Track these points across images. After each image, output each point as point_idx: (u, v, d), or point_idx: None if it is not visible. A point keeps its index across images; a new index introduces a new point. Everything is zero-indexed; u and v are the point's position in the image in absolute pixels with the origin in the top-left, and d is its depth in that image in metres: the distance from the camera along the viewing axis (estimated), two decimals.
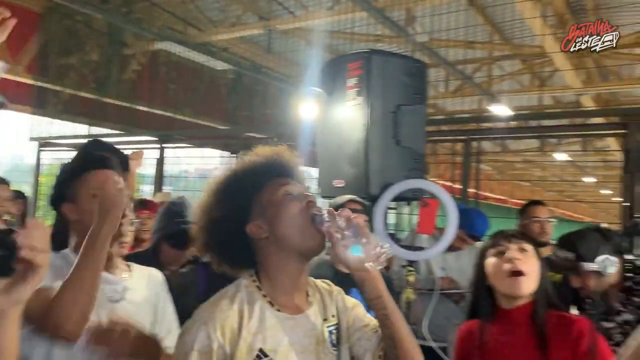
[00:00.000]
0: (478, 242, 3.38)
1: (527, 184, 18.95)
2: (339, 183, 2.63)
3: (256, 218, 1.30)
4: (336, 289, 1.43)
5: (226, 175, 1.37)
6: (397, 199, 2.62)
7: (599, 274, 2.16)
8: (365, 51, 2.58)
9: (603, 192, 19.99)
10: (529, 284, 1.64)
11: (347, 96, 2.59)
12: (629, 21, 6.54)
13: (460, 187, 4.18)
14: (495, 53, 8.51)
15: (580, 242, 2.22)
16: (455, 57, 7.02)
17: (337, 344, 1.32)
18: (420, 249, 2.52)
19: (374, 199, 2.49)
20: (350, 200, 2.46)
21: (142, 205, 3.54)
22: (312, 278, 1.45)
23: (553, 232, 3.26)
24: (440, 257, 3.28)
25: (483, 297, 1.71)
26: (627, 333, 2.34)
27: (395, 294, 2.72)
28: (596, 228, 2.39)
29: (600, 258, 2.16)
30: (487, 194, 17.81)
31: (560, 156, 11.60)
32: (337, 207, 2.34)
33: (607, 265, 2.15)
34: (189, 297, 1.79)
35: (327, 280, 1.45)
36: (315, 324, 1.32)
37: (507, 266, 1.63)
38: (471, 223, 3.19)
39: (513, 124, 6.12)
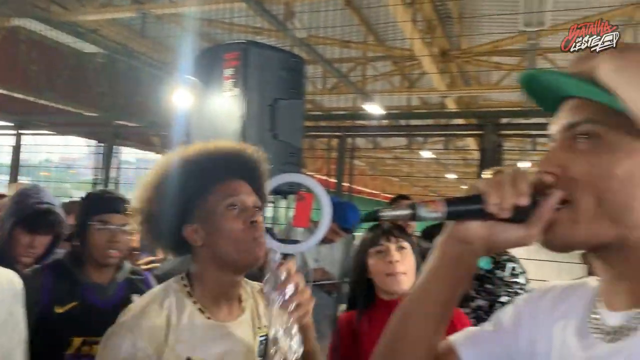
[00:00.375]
0: (350, 234, 3.50)
1: (397, 180, 20.06)
2: None
3: (196, 222, 1.23)
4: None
5: (173, 167, 1.25)
6: (274, 192, 2.61)
7: None
8: (242, 42, 2.54)
9: (464, 187, 21.68)
10: (408, 281, 1.72)
11: (223, 87, 2.52)
12: (487, 31, 7.13)
13: (335, 181, 4.30)
14: (369, 53, 8.86)
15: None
16: (332, 55, 7.20)
17: (263, 357, 1.27)
18: (296, 242, 2.54)
19: None
20: None
21: None
22: (248, 281, 1.39)
23: (417, 225, 3.46)
24: (314, 249, 3.34)
25: (363, 289, 1.78)
26: (480, 318, 2.56)
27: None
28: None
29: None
30: (361, 188, 18.56)
31: (426, 154, 12.40)
32: None
33: None
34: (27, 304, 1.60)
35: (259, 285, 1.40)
36: (247, 333, 1.27)
37: (387, 269, 1.72)
38: (344, 216, 3.28)
39: (384, 122, 6.43)
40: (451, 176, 19.41)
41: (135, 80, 9.41)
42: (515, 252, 3.03)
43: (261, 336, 1.28)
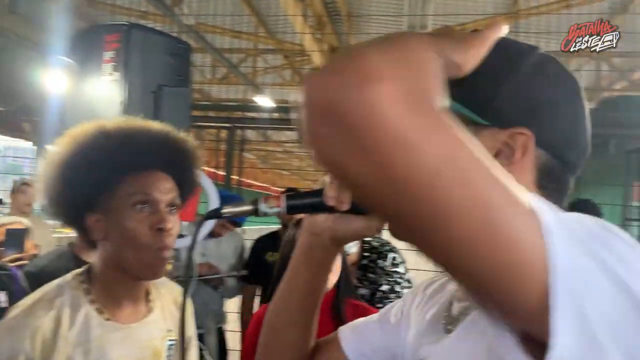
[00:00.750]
0: (238, 228, 3.45)
1: (287, 173, 20.19)
2: None
3: (100, 210, 1.07)
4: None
5: (87, 141, 1.06)
6: None
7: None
8: (124, 24, 2.39)
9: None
10: (334, 280, 1.66)
11: (102, 70, 2.36)
12: (376, 30, 7.37)
13: (224, 174, 4.22)
14: (260, 46, 8.80)
15: None
16: (222, 45, 7.05)
17: None
18: (181, 236, 2.45)
19: None
20: None
21: None
22: (167, 281, 1.25)
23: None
24: (201, 244, 3.25)
25: None
26: None
27: None
28: None
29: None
30: (251, 181, 18.44)
31: None
32: None
33: (351, 245, 2.37)
34: None
35: (180, 290, 1.28)
36: (153, 335, 1.14)
37: None
38: None
39: (275, 115, 6.41)
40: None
41: (3, 60, 8.54)
42: (397, 243, 3.14)
43: (170, 340, 1.17)
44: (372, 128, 0.39)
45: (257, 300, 3.41)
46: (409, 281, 2.66)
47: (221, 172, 4.41)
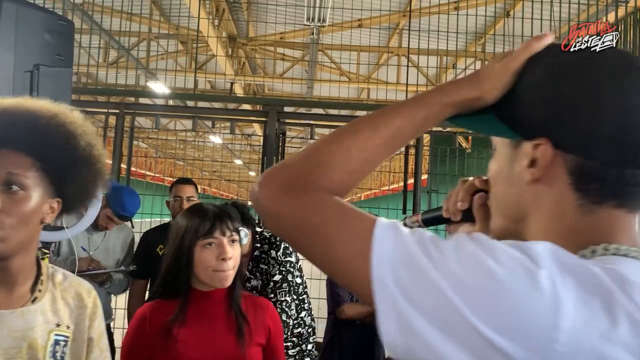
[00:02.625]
0: (127, 221, 3.27)
1: (183, 164, 19.61)
2: None
3: None
4: (92, 304, 1.17)
5: None
6: None
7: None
8: None
9: (251, 173, 22.31)
10: (233, 276, 1.57)
11: None
12: (274, 19, 7.33)
13: (111, 163, 3.98)
14: (155, 30, 8.43)
15: None
16: (113, 27, 6.65)
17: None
18: (60, 228, 2.27)
19: None
20: None
21: None
22: (68, 274, 1.17)
23: None
24: (85, 237, 3.05)
25: (182, 280, 1.55)
26: None
27: None
28: (233, 203, 2.56)
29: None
30: (145, 172, 17.67)
31: (216, 139, 12.34)
32: None
33: (242, 236, 2.33)
34: None
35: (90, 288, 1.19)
36: (33, 325, 1.05)
37: (217, 265, 1.52)
38: (121, 202, 3.05)
39: (170, 103, 6.18)
40: (238, 162, 19.71)
41: None
42: None
43: (58, 334, 1.09)
44: (259, 212, 0.66)
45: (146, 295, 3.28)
46: (300, 270, 2.68)
47: (108, 161, 4.16)
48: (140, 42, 8.59)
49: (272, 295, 2.52)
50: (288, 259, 2.60)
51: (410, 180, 4.21)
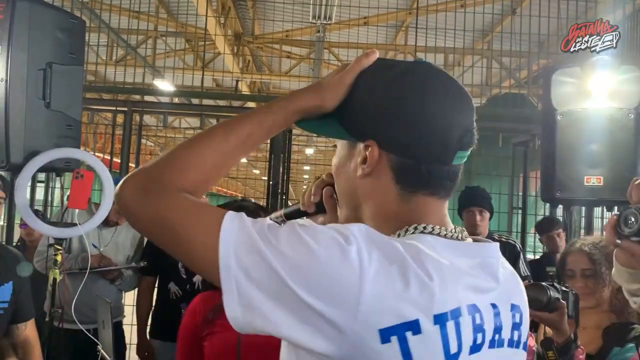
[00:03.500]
0: None
1: None
2: None
3: None
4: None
5: None
6: (46, 169, 2.32)
7: None
8: None
9: (255, 171, 22.32)
10: None
11: None
12: (281, 17, 7.33)
13: (120, 161, 4.00)
14: (161, 29, 8.44)
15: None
16: (120, 25, 6.66)
17: None
18: (72, 224, 2.29)
19: (15, 169, 2.14)
20: None
21: None
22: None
23: None
24: (96, 233, 3.07)
25: None
26: None
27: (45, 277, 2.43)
28: (242, 199, 2.59)
29: None
30: None
31: None
32: None
33: None
34: None
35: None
36: None
37: None
38: None
39: (176, 101, 6.18)
40: (243, 160, 19.70)
41: None
42: None
43: None
44: (124, 212, 0.73)
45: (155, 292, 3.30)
46: None
47: (118, 160, 4.18)
48: (147, 40, 8.61)
49: None
50: None
51: None
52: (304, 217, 0.92)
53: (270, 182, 4.01)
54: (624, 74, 2.32)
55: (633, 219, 0.91)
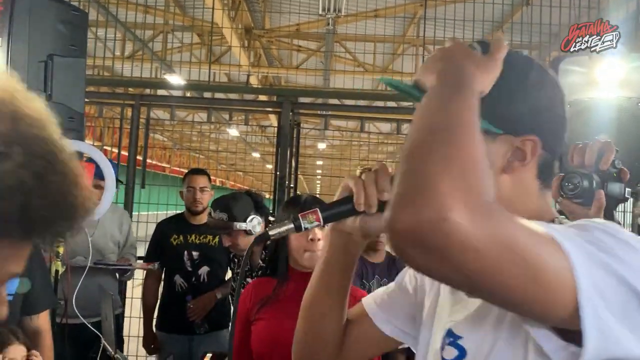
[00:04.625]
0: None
1: (202, 157, 19.72)
2: None
3: None
4: None
5: None
6: None
7: (247, 232, 2.33)
8: None
9: (268, 166, 22.38)
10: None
11: None
12: (288, 9, 7.29)
13: (127, 154, 4.01)
14: (171, 23, 8.46)
15: (233, 203, 2.36)
16: (130, 20, 6.68)
17: None
18: None
19: None
20: None
21: None
22: None
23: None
24: (92, 227, 3.07)
25: (281, 261, 1.77)
26: None
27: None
28: (247, 192, 2.57)
29: (250, 218, 2.34)
30: (164, 164, 17.80)
31: (232, 131, 12.37)
32: None
33: (256, 224, 2.34)
34: None
35: None
36: None
37: (308, 246, 1.70)
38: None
39: (187, 95, 6.20)
40: (256, 155, 19.77)
41: None
42: None
43: None
44: (448, 248, 0.53)
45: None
46: None
47: (125, 154, 4.19)
48: (157, 35, 8.63)
49: None
50: None
51: None
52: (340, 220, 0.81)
53: (278, 174, 3.98)
54: (633, 63, 2.27)
55: (576, 182, 1.07)
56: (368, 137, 5.91)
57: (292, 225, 0.78)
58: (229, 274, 3.15)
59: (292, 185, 4.25)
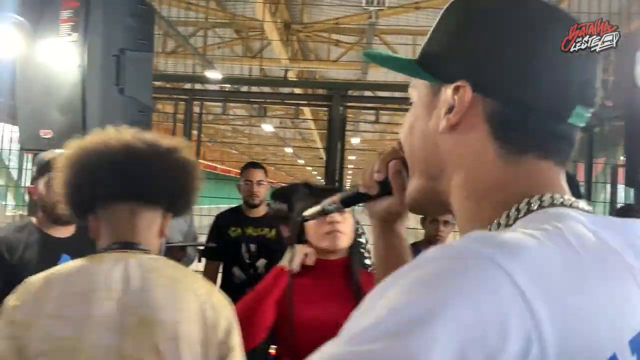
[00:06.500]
0: None
1: (235, 152, 19.91)
2: (46, 133, 2.23)
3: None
4: None
5: (84, 167, 1.22)
6: None
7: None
8: None
9: (300, 161, 22.48)
10: (345, 240, 1.74)
11: (59, 31, 2.19)
12: (330, 5, 7.28)
13: None
14: (212, 19, 8.53)
15: (293, 194, 2.38)
16: (171, 16, 6.77)
17: None
18: None
19: None
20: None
21: None
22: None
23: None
24: None
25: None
26: None
27: None
28: (305, 183, 2.58)
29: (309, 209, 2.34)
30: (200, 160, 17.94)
31: (267, 127, 12.43)
32: (45, 164, 1.97)
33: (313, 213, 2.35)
34: None
35: None
36: None
37: (327, 228, 1.71)
38: None
39: (231, 89, 6.22)
40: (289, 150, 19.87)
41: None
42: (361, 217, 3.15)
43: None
44: None
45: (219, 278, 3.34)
46: (369, 252, 2.67)
47: None
48: (197, 31, 8.71)
49: None
50: (358, 239, 2.61)
51: None
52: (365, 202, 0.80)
53: (328, 168, 3.97)
54: None
55: None
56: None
57: (320, 208, 0.82)
58: None
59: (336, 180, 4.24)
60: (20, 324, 1.05)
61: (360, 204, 0.82)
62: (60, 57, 2.19)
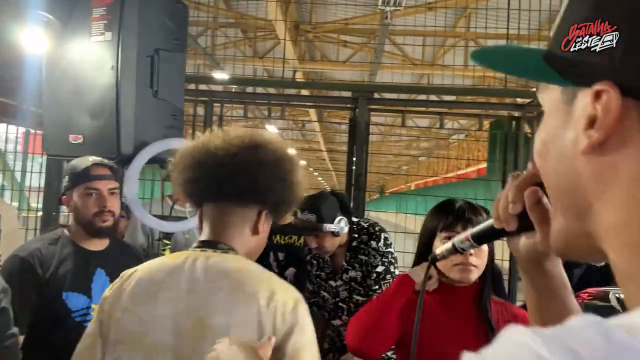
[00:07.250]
0: None
1: None
2: (76, 138, 2.10)
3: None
4: None
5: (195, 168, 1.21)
6: (152, 161, 2.24)
7: (334, 234, 2.25)
8: None
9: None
10: (477, 273, 1.58)
11: (90, 30, 2.06)
12: (343, 5, 7.16)
13: None
14: (220, 19, 8.41)
15: (321, 204, 2.27)
16: None
17: None
18: (182, 218, 2.20)
19: (125, 160, 2.06)
20: (95, 164, 1.90)
21: None
22: None
23: None
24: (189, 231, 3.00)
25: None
26: (352, 289, 2.52)
27: None
28: (331, 192, 2.48)
29: (337, 219, 2.25)
30: None
31: (270, 127, 12.26)
32: (80, 173, 1.84)
33: (343, 225, 2.26)
34: None
35: None
36: None
37: (459, 259, 1.53)
38: None
39: (250, 92, 6.08)
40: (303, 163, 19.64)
41: None
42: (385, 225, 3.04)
43: None
44: None
45: None
46: (396, 260, 2.59)
47: None
48: (203, 32, 8.58)
49: (377, 287, 2.45)
50: (389, 249, 2.53)
51: (470, 169, 3.99)
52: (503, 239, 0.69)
53: (353, 173, 3.85)
54: None
55: None
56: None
57: (451, 247, 0.78)
58: None
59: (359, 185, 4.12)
60: (106, 312, 1.14)
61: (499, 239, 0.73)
62: (92, 57, 2.06)
